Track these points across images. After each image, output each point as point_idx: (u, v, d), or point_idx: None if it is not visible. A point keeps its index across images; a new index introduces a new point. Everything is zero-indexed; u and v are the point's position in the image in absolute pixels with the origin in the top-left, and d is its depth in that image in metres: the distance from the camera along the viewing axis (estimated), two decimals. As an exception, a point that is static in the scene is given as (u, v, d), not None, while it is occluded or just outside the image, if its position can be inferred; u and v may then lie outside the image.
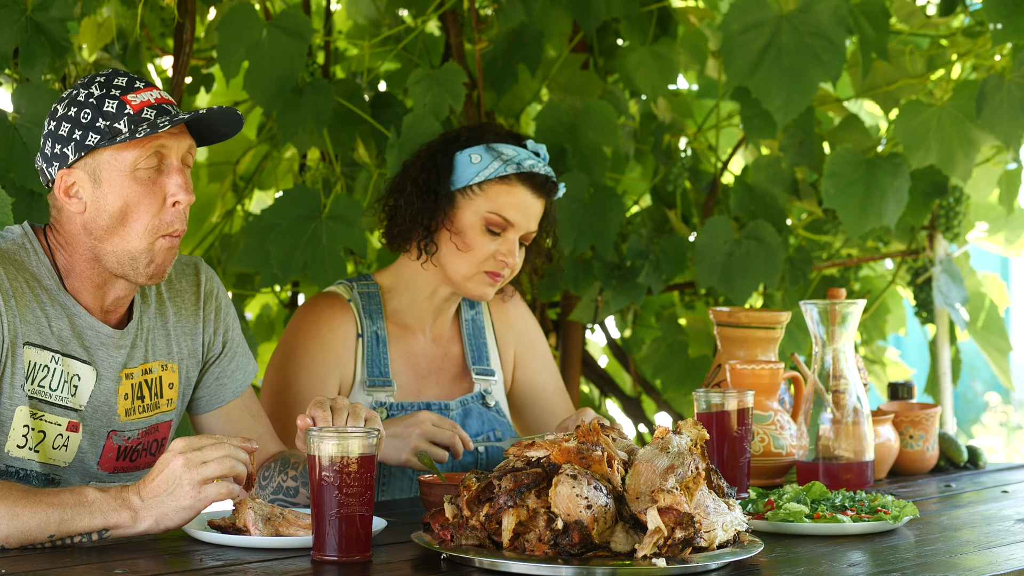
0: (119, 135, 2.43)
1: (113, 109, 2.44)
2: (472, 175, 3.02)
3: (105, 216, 2.47)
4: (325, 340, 3.04)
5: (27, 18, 3.12)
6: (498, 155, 3.03)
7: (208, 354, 2.74)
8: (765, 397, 3.04)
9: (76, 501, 2.30)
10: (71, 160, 2.46)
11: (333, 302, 3.09)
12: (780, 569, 2.23)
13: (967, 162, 3.98)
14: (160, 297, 2.67)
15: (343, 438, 2.20)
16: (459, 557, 2.18)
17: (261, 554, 2.27)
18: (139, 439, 2.63)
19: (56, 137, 2.47)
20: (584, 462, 2.19)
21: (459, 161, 3.04)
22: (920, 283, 4.43)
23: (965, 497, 3.01)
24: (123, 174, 2.46)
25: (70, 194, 2.48)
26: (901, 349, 6.17)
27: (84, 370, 2.54)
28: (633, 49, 4.17)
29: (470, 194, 3.03)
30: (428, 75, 3.81)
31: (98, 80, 2.48)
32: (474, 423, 3.13)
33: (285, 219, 3.72)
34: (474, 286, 3.05)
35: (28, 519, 2.28)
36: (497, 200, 3.02)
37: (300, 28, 3.64)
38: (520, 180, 3.03)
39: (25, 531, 2.28)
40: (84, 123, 2.44)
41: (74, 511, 2.29)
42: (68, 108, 2.47)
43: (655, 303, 4.65)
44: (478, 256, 3.03)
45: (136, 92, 2.47)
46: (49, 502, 2.29)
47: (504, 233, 3.03)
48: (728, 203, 4.29)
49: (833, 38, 3.70)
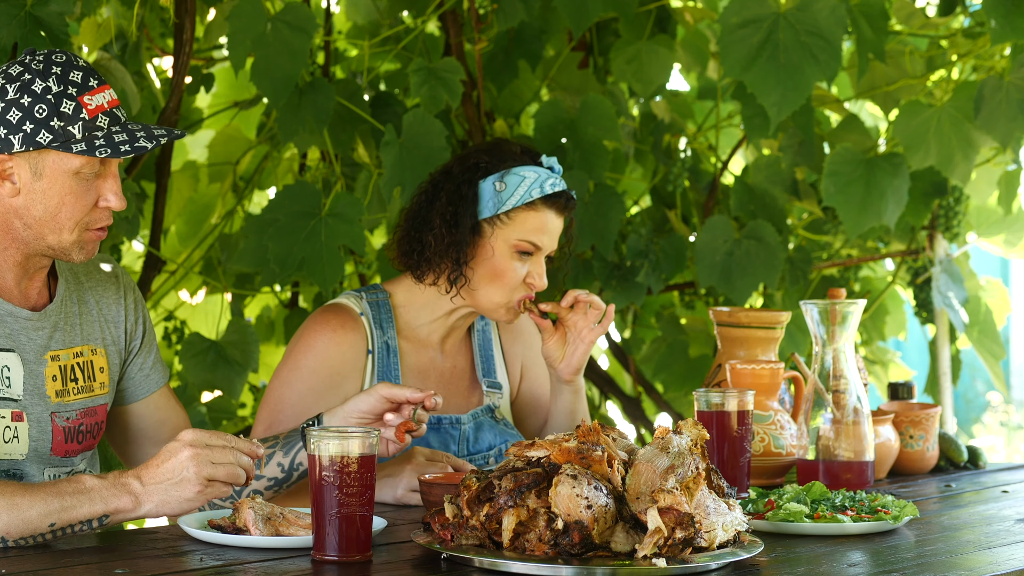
0: (72, 140, 2.45)
1: (69, 111, 2.45)
2: (499, 204, 3.00)
3: (39, 208, 2.49)
4: (333, 361, 3.01)
5: (26, 13, 3.13)
6: (521, 180, 3.01)
7: (131, 344, 2.76)
8: (765, 397, 3.04)
9: (75, 489, 2.31)
10: (15, 149, 2.46)
11: (344, 319, 3.04)
12: (780, 569, 2.23)
13: (966, 163, 3.97)
14: (79, 284, 2.69)
15: (343, 438, 2.20)
16: (459, 557, 2.18)
17: (261, 554, 2.27)
18: (79, 420, 2.63)
19: (2, 120, 2.45)
20: (584, 462, 2.18)
21: (483, 190, 3.02)
22: (920, 283, 4.43)
23: (965, 497, 3.01)
24: (66, 175, 2.48)
25: (4, 177, 2.49)
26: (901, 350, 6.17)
27: (10, 358, 2.54)
28: (628, 43, 4.16)
29: (498, 223, 3.01)
30: (427, 68, 3.81)
31: (54, 71, 2.46)
32: (486, 436, 3.11)
33: (284, 215, 3.71)
34: (506, 312, 3.03)
35: (28, 509, 2.28)
36: (525, 226, 3.00)
37: (304, 23, 3.64)
38: (545, 203, 3.01)
39: (26, 521, 2.29)
40: (38, 118, 2.44)
41: (74, 499, 2.30)
42: (20, 94, 2.45)
43: (655, 303, 4.65)
44: (511, 283, 3.01)
45: (91, 92, 2.47)
46: (48, 491, 2.30)
47: (533, 257, 3.03)
48: (728, 203, 4.29)
49: (830, 37, 3.69)
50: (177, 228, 4.40)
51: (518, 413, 3.27)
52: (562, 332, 3.05)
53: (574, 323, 3.03)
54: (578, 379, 3.09)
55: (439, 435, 3.05)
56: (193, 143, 4.52)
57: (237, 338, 4.01)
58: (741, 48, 3.72)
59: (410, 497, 2.81)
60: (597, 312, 3.03)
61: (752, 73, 3.72)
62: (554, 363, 3.06)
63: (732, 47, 3.74)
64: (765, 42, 3.72)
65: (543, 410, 3.22)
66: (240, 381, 4.00)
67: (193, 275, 4.26)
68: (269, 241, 3.69)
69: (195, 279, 4.33)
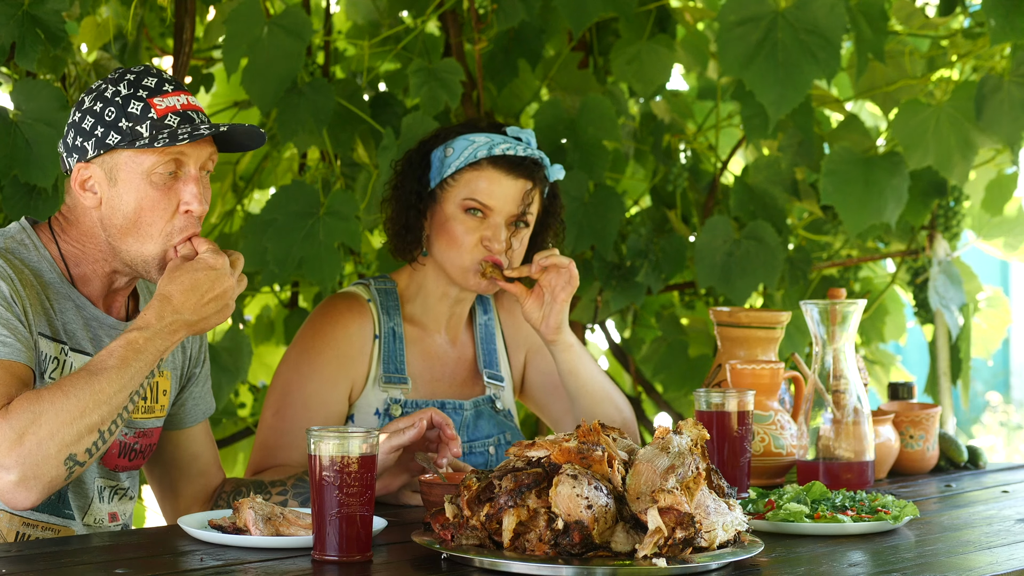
0: (139, 138, 2.46)
1: (137, 111, 2.47)
2: (445, 168, 3.05)
3: (119, 216, 2.51)
4: (340, 344, 3.04)
5: (24, 12, 3.13)
6: (469, 144, 3.05)
7: (191, 371, 2.78)
8: (765, 397, 3.04)
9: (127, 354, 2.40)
10: (90, 155, 2.49)
11: (351, 303, 3.09)
12: (780, 569, 2.23)
13: (964, 163, 3.97)
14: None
15: (343, 438, 2.20)
16: (459, 557, 2.18)
17: (261, 554, 2.27)
18: (136, 439, 2.64)
19: (79, 130, 2.51)
20: (584, 462, 2.18)
21: (434, 158, 3.08)
22: (919, 283, 4.42)
23: (965, 497, 3.01)
24: (139, 177, 2.49)
25: (85, 187, 2.52)
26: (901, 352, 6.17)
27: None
28: (628, 43, 4.16)
29: (446, 187, 3.06)
30: (427, 68, 3.81)
31: (127, 78, 2.51)
32: (485, 425, 3.14)
33: (282, 215, 3.72)
34: (474, 278, 3.05)
35: (106, 385, 2.35)
36: (470, 186, 3.04)
37: (300, 28, 3.64)
38: (492, 164, 3.04)
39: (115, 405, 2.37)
40: (107, 120, 2.47)
41: (137, 360, 2.40)
42: (94, 102, 2.50)
43: (655, 303, 4.65)
44: (466, 245, 3.03)
45: (164, 96, 2.50)
46: (110, 366, 2.38)
47: (486, 219, 3.04)
48: (728, 203, 4.29)
49: (829, 36, 3.69)
50: (177, 228, 4.39)
51: (539, 400, 3.30)
52: (539, 293, 3.07)
53: (547, 282, 3.05)
54: (565, 336, 3.10)
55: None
56: (193, 143, 4.52)
57: (232, 345, 4.02)
58: (740, 46, 3.72)
59: (409, 497, 2.82)
60: (566, 270, 3.05)
61: (751, 71, 3.72)
62: (536, 324, 3.09)
63: (731, 45, 3.74)
64: (764, 40, 3.72)
65: (561, 389, 3.23)
66: (228, 388, 4.01)
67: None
68: (268, 242, 3.70)
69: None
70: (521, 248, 3.08)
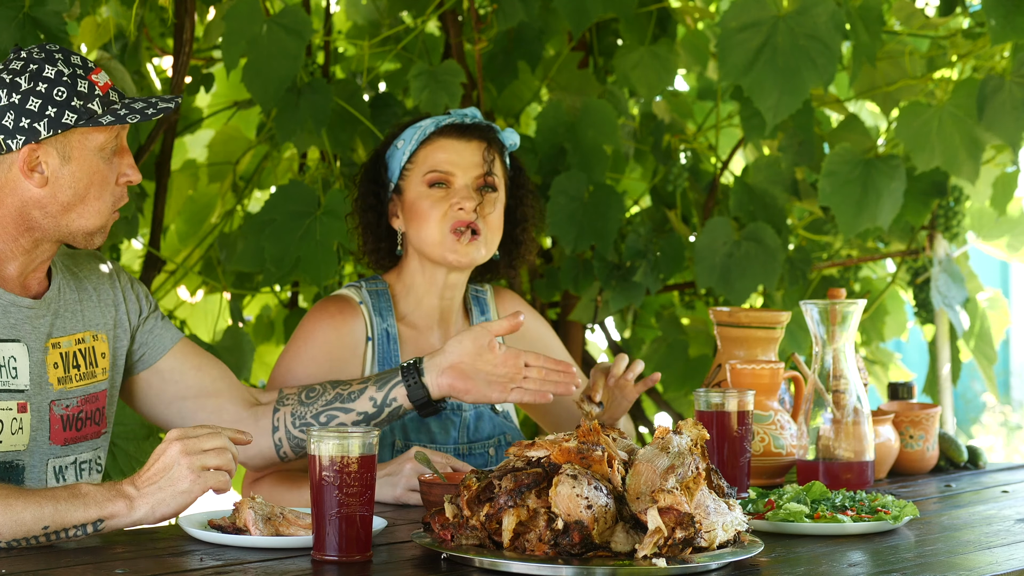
0: (96, 116, 2.51)
1: (85, 90, 2.52)
2: (403, 156, 3.09)
3: (68, 193, 2.53)
4: (331, 346, 3.05)
5: (24, 15, 3.13)
6: (417, 128, 3.10)
7: (139, 317, 2.78)
8: (765, 397, 3.04)
9: (70, 494, 2.32)
10: (42, 136, 2.50)
11: (342, 306, 3.09)
12: (780, 569, 2.23)
13: (972, 162, 3.96)
14: (74, 273, 2.71)
15: (343, 438, 2.20)
16: (459, 557, 2.18)
17: (261, 554, 2.27)
18: (79, 407, 2.64)
19: (23, 111, 2.49)
20: (584, 462, 2.18)
21: (389, 157, 3.13)
22: (920, 283, 4.42)
23: (965, 497, 3.01)
24: (92, 153, 2.55)
25: (32, 168, 2.52)
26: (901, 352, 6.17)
27: (16, 348, 2.55)
28: (631, 49, 4.17)
29: (406, 173, 3.09)
30: (427, 71, 3.81)
31: (58, 57, 2.52)
32: (485, 426, 3.14)
33: (280, 215, 3.72)
34: (450, 250, 3.04)
35: (22, 510, 2.29)
36: (428, 160, 3.07)
37: (300, 26, 3.64)
38: (441, 134, 3.09)
39: (19, 522, 2.29)
40: (59, 100, 2.49)
41: (68, 503, 2.31)
42: (34, 83, 2.50)
43: (655, 303, 4.65)
44: (434, 217, 3.04)
45: (95, 72, 2.55)
46: (43, 495, 2.31)
47: (451, 187, 3.06)
48: (728, 203, 4.29)
49: (828, 41, 3.69)
50: (177, 227, 4.40)
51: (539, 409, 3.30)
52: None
53: (620, 383, 3.05)
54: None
55: (440, 420, 3.08)
56: (193, 143, 4.52)
57: (233, 344, 4.02)
58: (740, 52, 3.72)
59: (410, 497, 2.82)
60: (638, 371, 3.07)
61: (750, 77, 3.72)
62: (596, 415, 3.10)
63: (731, 51, 3.74)
64: (764, 46, 3.72)
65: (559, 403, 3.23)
66: None
67: (192, 275, 4.26)
68: (266, 242, 3.70)
69: (194, 279, 4.33)
70: (497, 217, 3.09)
